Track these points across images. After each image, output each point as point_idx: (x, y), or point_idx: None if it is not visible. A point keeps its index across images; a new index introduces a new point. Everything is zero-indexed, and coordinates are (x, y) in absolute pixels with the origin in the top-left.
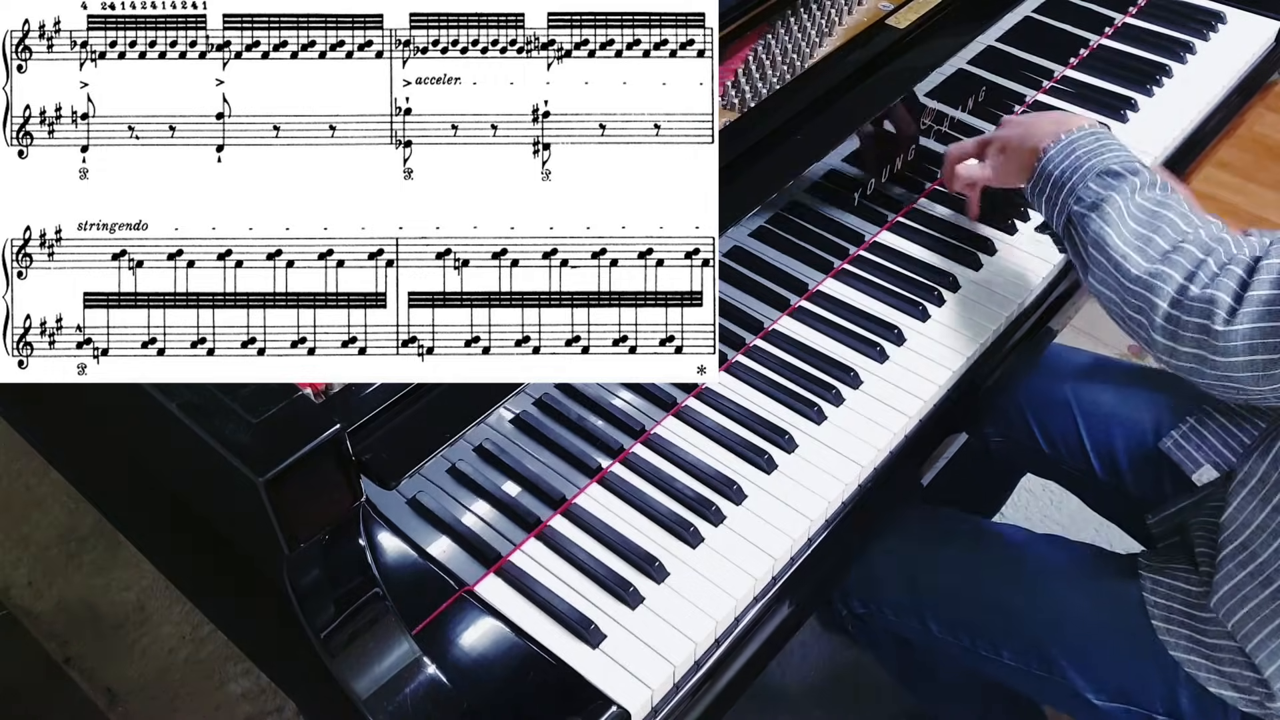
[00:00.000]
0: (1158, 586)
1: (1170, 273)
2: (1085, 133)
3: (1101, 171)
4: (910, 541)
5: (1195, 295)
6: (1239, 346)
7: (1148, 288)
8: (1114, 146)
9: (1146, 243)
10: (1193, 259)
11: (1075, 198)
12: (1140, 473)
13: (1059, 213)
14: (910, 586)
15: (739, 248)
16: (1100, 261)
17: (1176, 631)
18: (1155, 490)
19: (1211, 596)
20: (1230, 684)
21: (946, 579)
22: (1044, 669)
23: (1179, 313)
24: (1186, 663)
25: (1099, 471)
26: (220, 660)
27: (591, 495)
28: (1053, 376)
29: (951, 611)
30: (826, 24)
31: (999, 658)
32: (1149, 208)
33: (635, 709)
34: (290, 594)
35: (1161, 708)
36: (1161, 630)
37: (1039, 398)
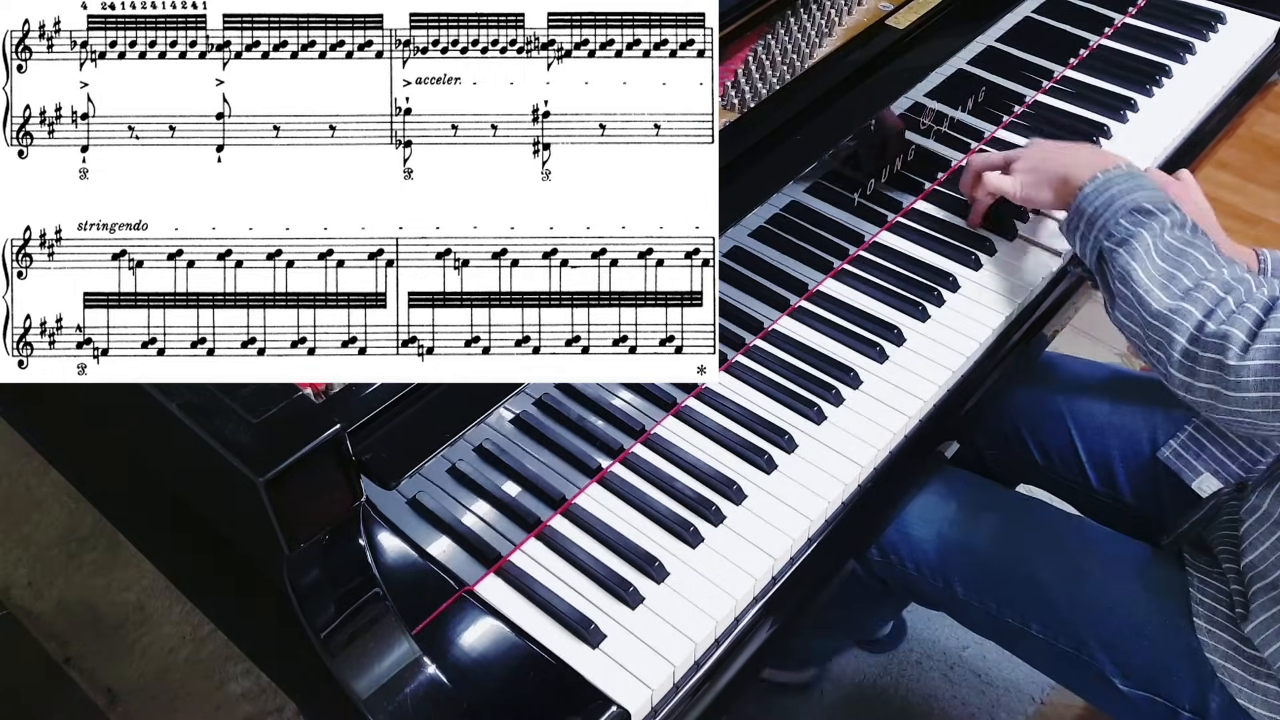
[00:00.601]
0: (1205, 587)
1: (1190, 309)
2: (1121, 172)
3: (1133, 209)
4: (944, 499)
5: (1211, 331)
6: (1251, 382)
7: (1167, 323)
8: (1147, 185)
9: (1170, 279)
10: (1213, 296)
11: (1107, 233)
12: (1138, 483)
13: (1091, 248)
14: (939, 545)
15: (739, 248)
16: (1125, 295)
17: (1218, 635)
18: (1154, 501)
19: (1247, 624)
20: (1262, 700)
21: (982, 543)
22: (1072, 646)
23: (1195, 348)
24: (1221, 669)
25: (1095, 483)
26: (220, 660)
27: (591, 495)
28: (1046, 388)
29: (981, 575)
30: (826, 24)
31: (1026, 628)
32: (1176, 246)
33: (635, 709)
34: (290, 594)
35: (1189, 705)
36: (1203, 630)
37: (1032, 410)
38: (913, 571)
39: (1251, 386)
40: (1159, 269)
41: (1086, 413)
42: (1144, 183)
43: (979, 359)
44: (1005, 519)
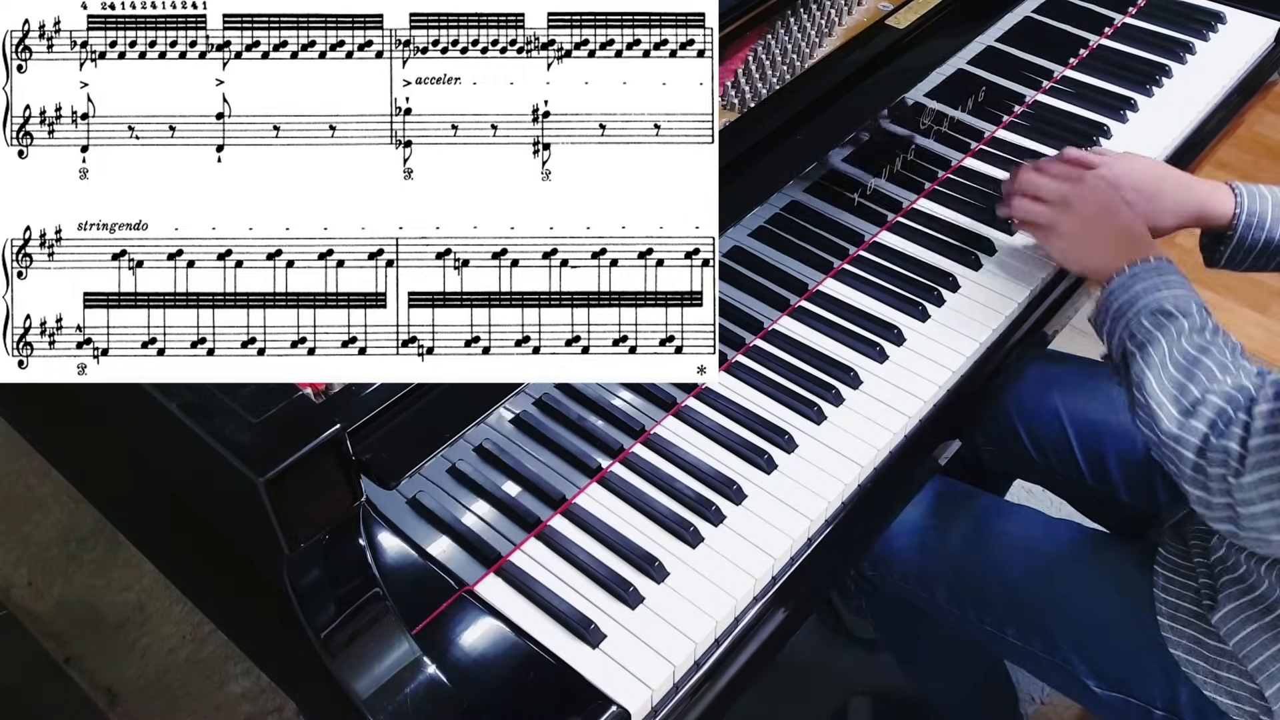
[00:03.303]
0: (1170, 585)
1: (1196, 425)
2: (1149, 266)
3: (1155, 310)
4: (925, 510)
5: (1215, 446)
6: (1255, 496)
7: (1176, 440)
8: (1174, 283)
9: (1182, 392)
10: (1216, 409)
11: (1129, 333)
12: (1132, 480)
13: (1116, 345)
14: (921, 554)
15: (739, 248)
16: (1142, 404)
17: (1181, 631)
18: (1149, 498)
19: (1215, 613)
20: (1226, 690)
21: (957, 551)
22: (1047, 650)
23: (1204, 463)
24: (1184, 662)
25: (1089, 479)
26: (220, 660)
27: (591, 495)
28: (1042, 386)
29: (959, 583)
30: (826, 24)
31: (1003, 634)
32: (1191, 354)
33: (635, 709)
34: (290, 594)
35: (1160, 703)
36: (1166, 627)
37: (1028, 407)
38: (900, 582)
39: (1256, 500)
40: (1172, 379)
41: (1083, 410)
42: (1170, 279)
43: (979, 359)
44: (983, 525)
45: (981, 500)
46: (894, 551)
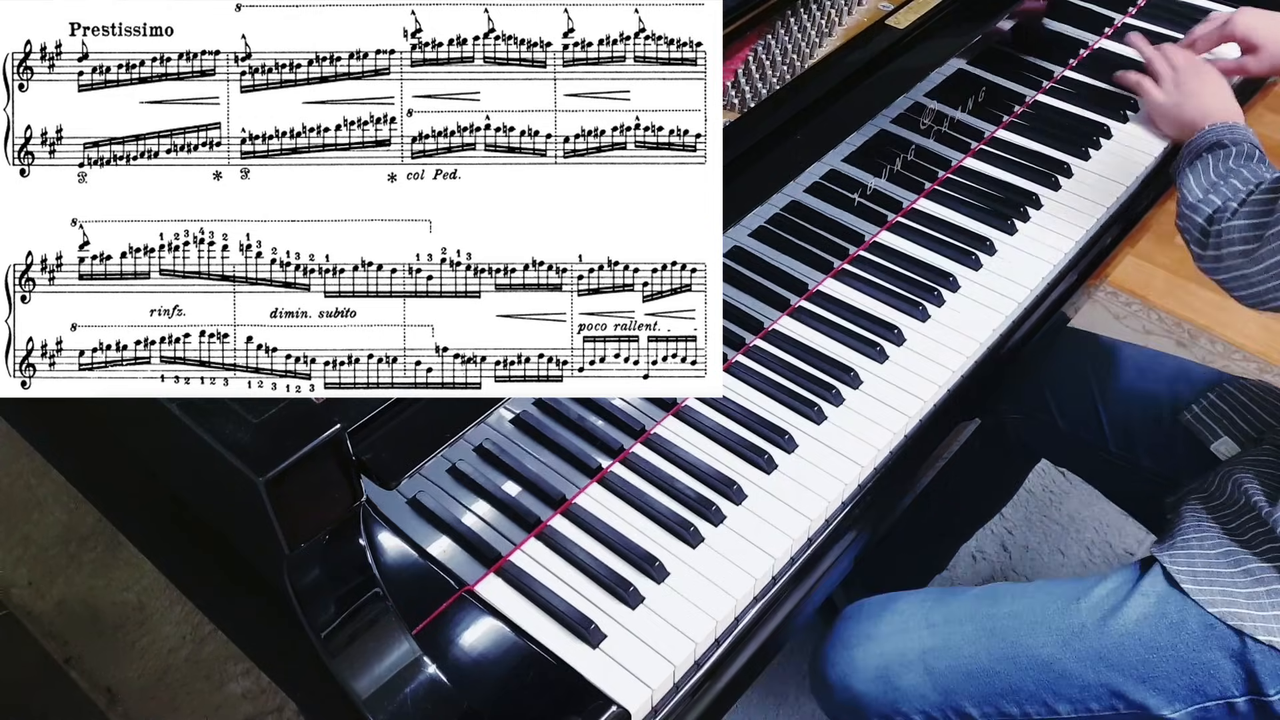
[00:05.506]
0: (1176, 555)
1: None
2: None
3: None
4: (910, 633)
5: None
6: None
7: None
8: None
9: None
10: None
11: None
12: (1155, 445)
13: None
14: (931, 679)
15: (739, 248)
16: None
17: (1208, 589)
18: (1169, 463)
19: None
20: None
21: (970, 656)
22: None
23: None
24: (1229, 616)
25: (1112, 446)
26: (220, 660)
27: (591, 495)
28: (1072, 354)
29: (986, 687)
30: (826, 24)
31: (1057, 713)
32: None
33: (635, 709)
34: (290, 594)
35: (1238, 689)
36: (1195, 592)
37: (1057, 373)
38: None
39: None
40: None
41: (1111, 376)
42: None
43: (980, 359)
44: (977, 621)
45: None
46: (901, 693)
